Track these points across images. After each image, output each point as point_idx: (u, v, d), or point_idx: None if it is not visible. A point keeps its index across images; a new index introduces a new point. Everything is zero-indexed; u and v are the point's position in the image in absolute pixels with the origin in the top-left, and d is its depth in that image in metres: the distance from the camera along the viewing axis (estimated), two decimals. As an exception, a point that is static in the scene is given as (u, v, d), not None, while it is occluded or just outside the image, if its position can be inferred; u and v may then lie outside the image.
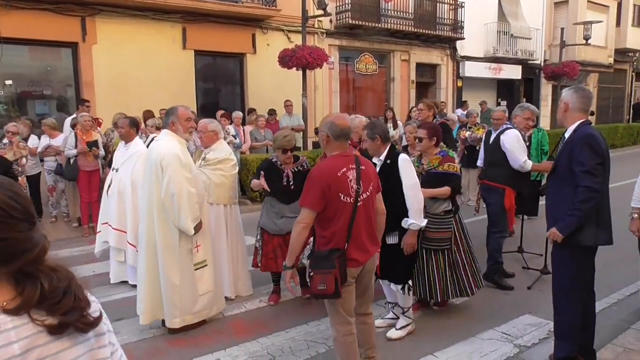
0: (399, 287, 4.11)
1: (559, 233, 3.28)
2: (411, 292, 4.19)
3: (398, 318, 4.29)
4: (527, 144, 8.03)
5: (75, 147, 7.72)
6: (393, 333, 4.20)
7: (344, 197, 2.99)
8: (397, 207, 3.75)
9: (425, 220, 3.99)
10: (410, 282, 4.16)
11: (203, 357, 3.93)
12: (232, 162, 4.93)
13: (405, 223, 3.88)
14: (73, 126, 8.10)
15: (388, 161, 3.89)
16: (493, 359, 3.85)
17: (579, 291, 3.39)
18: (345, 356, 3.20)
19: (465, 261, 4.45)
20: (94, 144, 7.80)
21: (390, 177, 3.80)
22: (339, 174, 3.00)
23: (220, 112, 9.98)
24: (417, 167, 4.26)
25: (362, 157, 3.25)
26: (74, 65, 11.32)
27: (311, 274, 3.00)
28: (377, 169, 3.77)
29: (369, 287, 3.32)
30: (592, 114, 5.95)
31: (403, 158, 3.88)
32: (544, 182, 7.82)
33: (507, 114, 6.70)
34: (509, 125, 5.53)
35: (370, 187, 3.12)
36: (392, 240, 3.96)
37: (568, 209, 3.24)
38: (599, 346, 3.70)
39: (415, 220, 3.86)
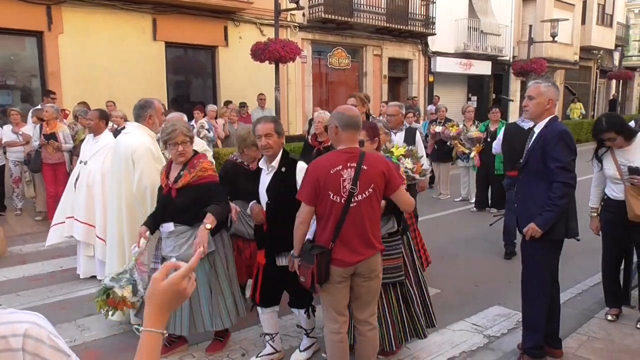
0: (302, 311, 3.69)
1: (538, 229, 3.30)
2: (315, 313, 3.74)
3: (276, 352, 3.77)
4: (489, 138, 8.34)
5: (40, 138, 7.57)
6: (297, 355, 3.75)
7: (333, 196, 2.88)
8: (292, 225, 3.11)
9: None
10: (313, 303, 3.69)
11: (176, 352, 3.88)
12: (209, 153, 4.96)
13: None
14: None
15: (283, 169, 3.42)
16: (463, 350, 3.93)
17: (547, 282, 3.48)
18: (330, 353, 3.14)
19: (418, 294, 3.75)
20: (52, 136, 7.59)
21: (285, 190, 3.32)
22: (332, 172, 2.88)
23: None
24: None
25: (372, 155, 3.05)
26: (39, 55, 10.96)
27: (299, 265, 3.04)
28: (269, 180, 3.42)
29: (363, 292, 3.07)
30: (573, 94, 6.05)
31: (302, 167, 3.35)
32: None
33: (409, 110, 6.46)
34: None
35: (370, 189, 2.91)
36: (283, 262, 3.44)
37: (546, 204, 3.27)
38: (564, 335, 3.82)
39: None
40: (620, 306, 4.36)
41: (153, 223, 3.68)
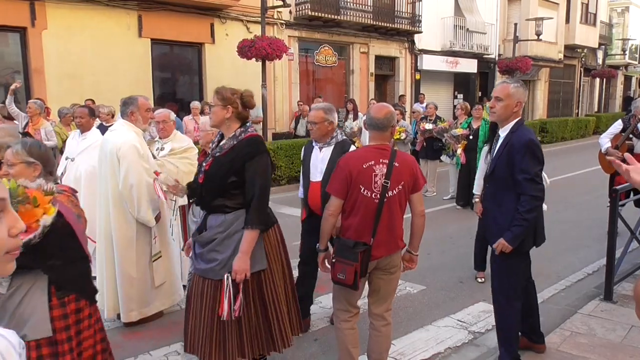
0: None
1: (508, 245, 3.19)
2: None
3: None
4: (472, 136, 8.43)
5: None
6: None
7: (364, 191, 2.93)
8: None
9: None
10: None
11: (160, 349, 3.88)
12: (195, 150, 4.93)
13: None
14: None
15: None
16: (448, 346, 3.97)
17: (517, 294, 3.40)
18: (341, 343, 3.20)
19: None
20: (26, 134, 7.56)
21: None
22: (364, 166, 2.93)
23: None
24: None
25: (402, 154, 3.13)
26: (22, 52, 10.82)
27: (334, 260, 3.00)
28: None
29: (382, 284, 3.13)
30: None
31: None
32: None
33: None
34: None
35: (400, 186, 2.98)
36: None
37: (514, 218, 3.17)
38: (547, 331, 3.87)
39: None
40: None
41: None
